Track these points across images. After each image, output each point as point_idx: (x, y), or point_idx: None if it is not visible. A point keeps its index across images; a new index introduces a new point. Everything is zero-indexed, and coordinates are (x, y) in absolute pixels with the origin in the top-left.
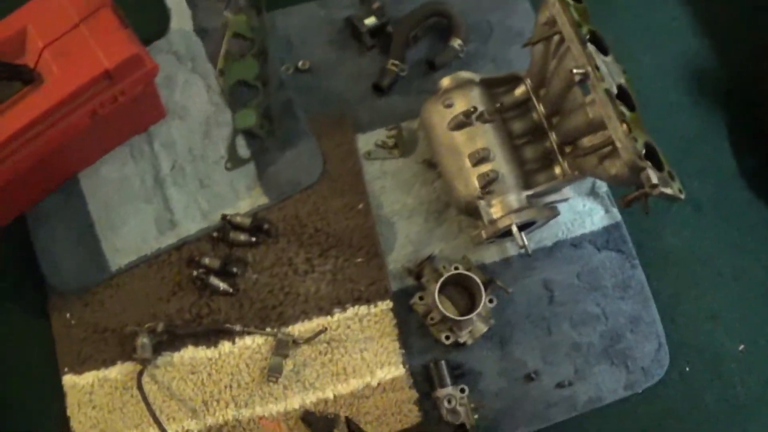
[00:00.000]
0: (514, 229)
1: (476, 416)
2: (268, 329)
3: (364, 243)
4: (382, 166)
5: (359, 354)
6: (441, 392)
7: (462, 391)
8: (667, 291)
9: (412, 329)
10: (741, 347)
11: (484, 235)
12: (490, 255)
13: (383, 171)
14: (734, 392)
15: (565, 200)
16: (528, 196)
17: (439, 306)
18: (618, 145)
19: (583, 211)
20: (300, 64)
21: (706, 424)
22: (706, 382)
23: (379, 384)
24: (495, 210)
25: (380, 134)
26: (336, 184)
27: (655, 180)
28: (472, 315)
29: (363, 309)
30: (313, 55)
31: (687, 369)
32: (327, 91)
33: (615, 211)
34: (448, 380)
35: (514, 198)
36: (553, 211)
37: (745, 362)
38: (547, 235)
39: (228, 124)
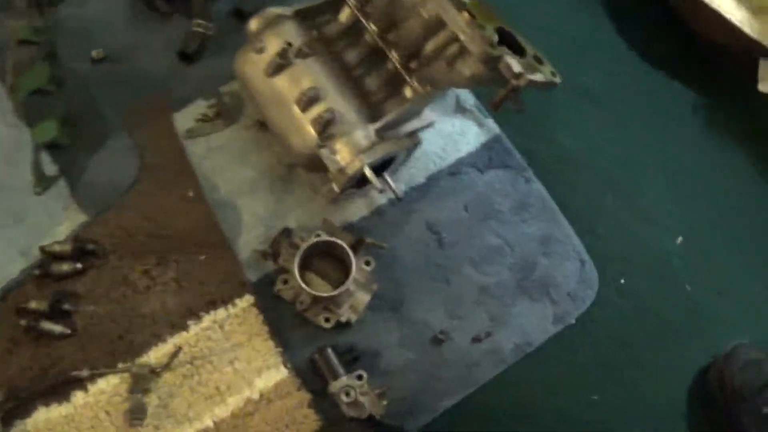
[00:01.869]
0: (368, 171)
1: (385, 402)
2: (120, 365)
3: (204, 236)
4: (208, 142)
5: (230, 366)
6: (335, 386)
7: (359, 378)
8: (576, 200)
9: (286, 321)
10: (679, 240)
11: (336, 187)
12: (357, 211)
13: (210, 148)
14: (684, 292)
15: (429, 125)
16: (377, 130)
17: (304, 285)
18: (462, 38)
19: (453, 133)
20: (94, 54)
21: (661, 336)
22: (649, 290)
23: (261, 395)
24: (341, 155)
25: (199, 107)
26: (159, 177)
27: (517, 68)
28: (345, 287)
29: (221, 313)
30: (114, 40)
31: (622, 281)
32: (132, 76)
33: (490, 122)
34: (340, 369)
35: (361, 135)
36: (412, 140)
37: (689, 255)
38: (417, 170)
39: (29, 144)
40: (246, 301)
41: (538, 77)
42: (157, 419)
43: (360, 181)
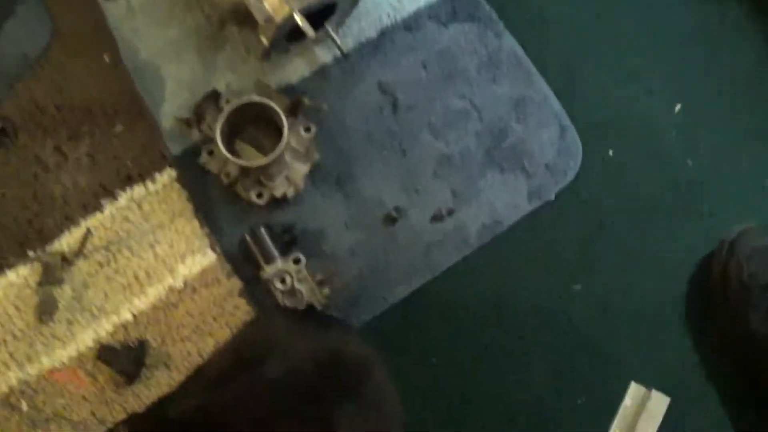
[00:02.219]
0: (299, 18)
1: (327, 291)
2: (31, 253)
3: (122, 105)
4: (129, 2)
5: (150, 251)
6: (268, 271)
7: (296, 261)
8: (554, 59)
9: (214, 198)
10: (677, 108)
11: (265, 40)
12: (297, 71)
13: (131, 8)
14: (683, 168)
15: None
16: None
17: (227, 154)
18: None
19: None
20: None
21: (655, 219)
22: (642, 164)
23: (185, 284)
24: (270, 2)
25: None
26: (73, 42)
27: None
28: (275, 154)
29: (139, 190)
30: None
31: (611, 153)
32: None
33: None
34: (274, 252)
35: None
36: None
37: (688, 126)
38: (368, 23)
39: None
40: (167, 175)
41: None
42: (70, 313)
43: (294, 33)
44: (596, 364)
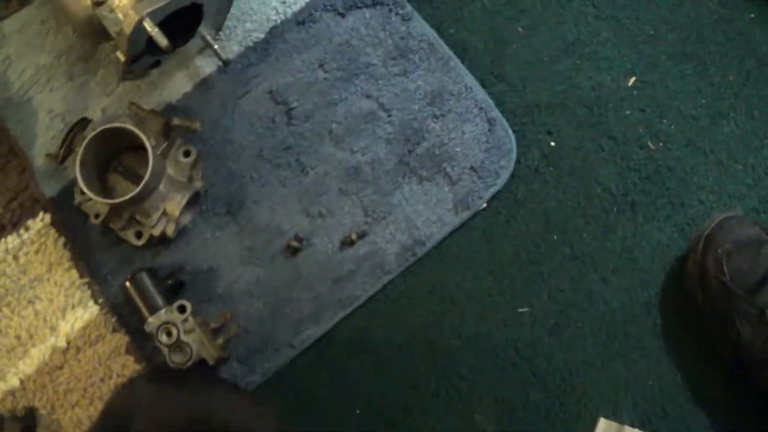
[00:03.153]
0: (148, 26)
1: (220, 340)
2: None
3: None
4: (1, 29)
5: (30, 308)
6: (152, 322)
7: (181, 310)
8: (475, 38)
9: (94, 242)
10: (632, 80)
11: (121, 56)
12: (178, 85)
13: (4, 35)
14: (644, 152)
15: None
16: None
17: (87, 190)
18: None
19: None
20: None
21: (615, 216)
22: (594, 153)
23: (69, 343)
24: (122, 11)
25: None
26: None
27: None
28: (141, 186)
29: (12, 240)
30: None
31: (552, 144)
32: None
33: None
34: (157, 300)
35: None
36: None
37: (645, 101)
38: (254, 24)
39: None
40: (41, 221)
41: None
42: None
43: (154, 48)
44: (555, 400)
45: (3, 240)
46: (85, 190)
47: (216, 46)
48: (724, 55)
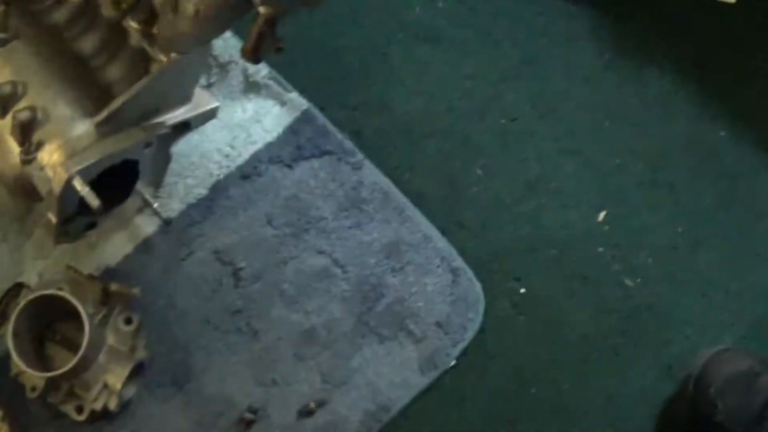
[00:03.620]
0: (78, 185)
1: None
2: None
3: None
4: None
5: None
6: None
7: None
8: (433, 183)
9: (35, 416)
10: (602, 215)
11: (52, 218)
12: (117, 247)
13: None
14: (622, 290)
15: (210, 115)
16: (99, 124)
17: (19, 361)
18: None
19: (244, 121)
20: None
21: (595, 363)
22: (566, 296)
23: None
24: (51, 169)
25: None
26: None
27: None
28: (76, 359)
29: None
30: None
31: (522, 291)
32: None
33: (295, 96)
34: None
35: (79, 135)
36: (151, 131)
37: (617, 236)
38: (196, 179)
39: None
40: None
41: None
42: None
43: (88, 209)
44: None
45: None
46: (18, 362)
47: (156, 205)
48: (696, 178)
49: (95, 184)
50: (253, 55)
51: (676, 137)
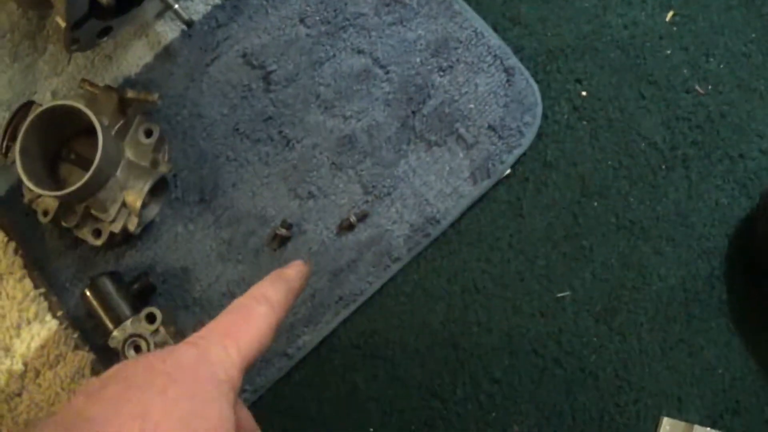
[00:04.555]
0: None
1: None
2: None
3: None
4: None
5: None
6: (116, 336)
7: (151, 320)
8: None
9: (50, 247)
10: (669, 15)
11: (61, 22)
12: (136, 57)
13: None
14: (692, 98)
15: None
16: None
17: (27, 181)
18: None
19: None
20: None
21: (661, 171)
22: (632, 100)
23: (26, 365)
24: None
25: None
26: None
27: None
28: (90, 174)
29: None
30: None
31: (584, 94)
32: None
33: None
34: (124, 309)
35: None
36: None
37: (686, 38)
38: None
39: None
40: None
41: None
42: None
43: (100, 9)
44: (608, 400)
45: None
46: (26, 181)
47: (177, 6)
48: None
49: None
50: None
51: None
